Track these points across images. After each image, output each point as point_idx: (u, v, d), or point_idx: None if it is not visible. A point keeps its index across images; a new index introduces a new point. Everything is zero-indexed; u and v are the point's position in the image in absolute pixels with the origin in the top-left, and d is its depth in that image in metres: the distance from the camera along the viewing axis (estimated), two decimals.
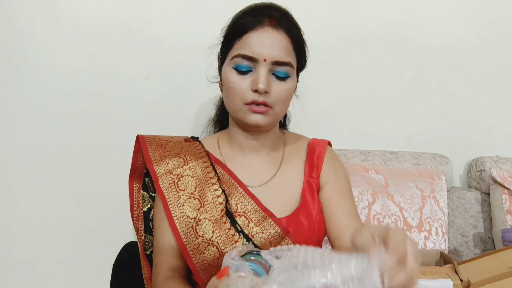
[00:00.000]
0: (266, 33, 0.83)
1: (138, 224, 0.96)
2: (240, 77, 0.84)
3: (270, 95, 0.84)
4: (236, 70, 0.85)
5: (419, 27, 1.59)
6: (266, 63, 0.83)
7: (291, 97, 0.90)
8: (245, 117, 0.86)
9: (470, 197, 1.55)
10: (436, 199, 1.43)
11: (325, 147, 0.97)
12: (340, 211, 0.90)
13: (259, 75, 0.83)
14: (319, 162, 0.95)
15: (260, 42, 0.83)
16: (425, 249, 1.36)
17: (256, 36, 0.83)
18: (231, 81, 0.85)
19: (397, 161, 1.52)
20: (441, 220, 1.41)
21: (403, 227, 1.36)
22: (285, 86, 0.86)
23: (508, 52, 1.65)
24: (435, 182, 1.46)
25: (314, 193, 0.92)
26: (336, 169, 0.96)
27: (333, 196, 0.92)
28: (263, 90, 0.82)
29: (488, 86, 1.66)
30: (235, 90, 0.85)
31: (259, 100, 0.83)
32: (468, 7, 1.61)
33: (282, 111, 0.89)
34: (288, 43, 0.85)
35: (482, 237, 1.52)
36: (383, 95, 1.60)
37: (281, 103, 0.86)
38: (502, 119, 1.68)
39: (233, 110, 0.88)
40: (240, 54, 0.84)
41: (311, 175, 0.93)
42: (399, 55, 1.59)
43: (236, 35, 0.86)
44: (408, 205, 1.39)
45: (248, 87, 0.84)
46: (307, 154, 0.96)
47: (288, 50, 0.85)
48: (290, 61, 0.85)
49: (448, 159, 1.57)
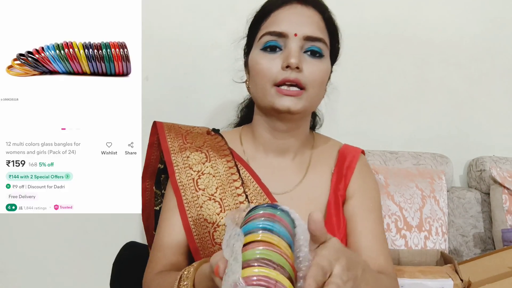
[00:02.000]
0: (295, 9, 0.77)
1: (149, 223, 0.87)
2: (269, 57, 0.76)
3: (303, 73, 0.74)
4: (264, 50, 0.76)
5: (421, 25, 1.59)
6: (297, 38, 0.74)
7: (326, 82, 0.81)
8: (274, 102, 0.75)
9: (470, 197, 1.54)
10: (436, 199, 1.43)
11: (358, 156, 0.87)
12: (361, 230, 0.80)
13: (290, 50, 0.74)
14: (349, 173, 0.84)
15: (289, 18, 0.76)
16: (425, 249, 1.36)
17: (284, 13, 0.77)
18: (259, 63, 0.76)
19: (397, 161, 1.52)
20: (441, 220, 1.41)
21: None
22: (320, 65, 0.76)
23: (508, 52, 1.65)
24: (435, 182, 1.46)
25: (339, 207, 0.82)
26: (365, 183, 0.85)
27: (357, 212, 0.81)
28: (295, 65, 0.73)
29: (489, 86, 1.65)
30: (263, 71, 0.75)
31: (291, 77, 0.73)
32: (471, 5, 1.61)
33: (316, 96, 0.79)
34: (320, 20, 0.78)
35: (482, 237, 1.52)
36: (383, 94, 1.60)
37: (316, 85, 0.76)
38: (502, 119, 1.68)
39: (261, 97, 0.78)
40: (267, 31, 0.76)
41: (338, 187, 0.83)
42: (400, 54, 1.59)
43: (262, 16, 0.79)
44: (408, 205, 1.39)
45: (278, 67, 0.74)
46: (336, 162, 0.86)
47: (320, 27, 0.77)
48: (323, 38, 0.77)
49: (448, 159, 1.57)
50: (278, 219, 0.47)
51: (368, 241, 0.78)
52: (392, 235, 1.35)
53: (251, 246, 0.45)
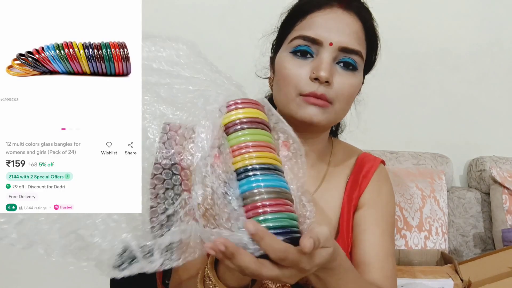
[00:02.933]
0: (334, 14, 0.70)
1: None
2: (298, 63, 0.69)
3: (331, 88, 0.69)
4: (293, 54, 0.70)
5: (419, 27, 1.59)
6: (332, 48, 0.68)
7: (355, 97, 0.76)
8: (298, 111, 0.70)
9: (470, 197, 1.55)
10: (436, 199, 1.43)
11: (376, 166, 0.82)
12: (366, 242, 0.75)
13: (321, 60, 0.68)
14: (364, 182, 0.80)
15: (326, 24, 0.69)
16: (425, 249, 1.36)
17: (322, 17, 0.70)
18: (286, 67, 0.70)
19: (397, 161, 1.52)
20: (441, 220, 1.41)
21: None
22: (351, 79, 0.70)
23: (508, 52, 1.65)
24: (435, 182, 1.46)
25: (350, 219, 0.78)
26: (380, 193, 0.80)
27: (363, 223, 0.77)
28: (325, 79, 0.67)
29: (488, 86, 1.66)
30: (290, 77, 0.69)
31: (318, 92, 0.68)
32: (468, 7, 1.61)
33: (342, 111, 0.73)
34: (360, 29, 0.71)
35: (482, 237, 1.52)
36: (383, 95, 1.60)
37: (343, 101, 0.71)
38: (502, 119, 1.68)
39: (283, 103, 0.72)
40: (301, 35, 0.70)
41: (352, 196, 0.79)
42: (400, 54, 1.59)
43: (298, 15, 0.73)
44: (408, 205, 1.39)
45: (307, 76, 0.68)
46: (352, 170, 0.82)
47: (359, 37, 0.71)
48: (360, 50, 0.70)
49: (448, 159, 1.57)
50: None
51: (367, 255, 0.74)
52: None
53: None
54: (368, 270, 0.73)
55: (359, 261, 0.74)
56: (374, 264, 0.73)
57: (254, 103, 0.56)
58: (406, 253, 1.34)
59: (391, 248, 0.77)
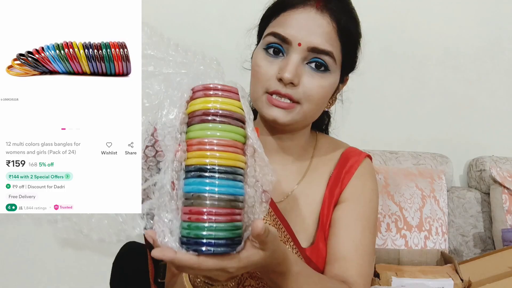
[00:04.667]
0: (307, 14, 0.70)
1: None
2: (269, 61, 0.70)
3: (297, 89, 0.69)
4: (265, 51, 0.71)
5: (419, 27, 1.59)
6: (301, 48, 0.68)
7: (327, 97, 0.75)
8: (263, 109, 0.71)
9: (470, 197, 1.55)
10: (436, 199, 1.43)
11: (360, 160, 0.81)
12: (342, 238, 0.74)
13: (288, 61, 0.68)
14: (347, 177, 0.79)
15: (298, 23, 0.69)
16: (425, 249, 1.36)
17: (295, 16, 0.70)
18: (258, 64, 0.71)
19: (397, 161, 1.52)
20: (441, 220, 1.41)
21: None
22: (320, 81, 0.70)
23: (508, 53, 1.65)
24: (435, 182, 1.46)
25: (330, 213, 0.77)
26: (364, 189, 0.79)
27: (344, 218, 0.76)
28: (288, 81, 0.67)
29: (488, 86, 1.66)
30: (259, 75, 0.71)
31: (282, 91, 0.68)
32: (469, 7, 1.61)
33: (313, 111, 0.73)
34: (332, 30, 0.70)
35: (482, 237, 1.52)
36: (383, 95, 1.60)
37: (312, 101, 0.71)
38: (502, 119, 1.68)
39: (254, 100, 0.74)
40: (272, 32, 0.70)
41: (333, 191, 0.78)
42: (400, 54, 1.59)
43: (273, 12, 0.73)
44: (408, 204, 1.39)
45: (274, 74, 0.69)
46: (336, 165, 0.81)
47: (330, 38, 0.70)
48: (331, 51, 0.70)
49: (448, 159, 1.57)
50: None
51: (345, 250, 0.73)
52: (392, 235, 1.35)
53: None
54: (345, 265, 0.73)
55: (337, 255, 0.73)
56: (352, 260, 0.73)
57: (231, 91, 0.50)
58: (406, 253, 1.34)
59: (371, 245, 0.77)
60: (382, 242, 1.34)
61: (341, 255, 0.73)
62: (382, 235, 1.35)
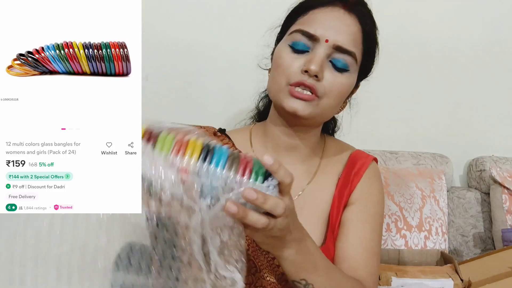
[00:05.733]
0: (336, 13, 0.72)
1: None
2: (293, 56, 0.72)
3: (321, 82, 0.71)
4: (291, 47, 0.72)
5: (419, 27, 1.59)
6: (327, 45, 0.70)
7: (345, 96, 0.77)
8: (283, 100, 0.72)
9: (470, 197, 1.55)
10: (436, 199, 1.43)
11: (368, 163, 0.83)
12: (351, 239, 0.76)
13: (315, 55, 0.70)
14: (356, 179, 0.81)
15: (326, 22, 0.71)
16: (425, 249, 1.36)
17: (323, 14, 0.72)
18: (282, 57, 0.73)
19: (397, 161, 1.52)
20: (441, 220, 1.41)
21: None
22: (341, 79, 0.72)
23: (508, 52, 1.65)
24: (435, 182, 1.46)
25: (340, 214, 0.79)
26: (370, 192, 0.81)
27: (353, 219, 0.78)
28: (314, 72, 0.69)
29: (488, 86, 1.65)
30: (282, 66, 0.72)
31: (307, 82, 0.70)
32: (468, 6, 1.61)
33: (331, 108, 0.75)
34: (358, 31, 0.73)
35: (482, 237, 1.52)
36: (383, 95, 1.60)
37: (332, 97, 0.72)
38: (502, 119, 1.68)
39: (274, 92, 0.75)
40: (300, 29, 0.72)
41: (343, 193, 0.80)
42: (399, 55, 1.59)
43: (301, 10, 0.75)
44: (408, 205, 1.39)
45: (299, 68, 0.71)
46: (345, 167, 0.83)
47: (355, 40, 0.73)
48: (355, 52, 0.72)
49: (448, 159, 1.57)
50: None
51: (354, 251, 0.75)
52: (392, 235, 1.35)
53: None
54: (355, 265, 0.74)
55: (346, 255, 0.75)
56: (361, 260, 0.75)
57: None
58: (406, 253, 1.34)
59: (378, 246, 0.79)
60: (382, 242, 1.34)
61: (350, 255, 0.75)
62: (382, 235, 1.35)
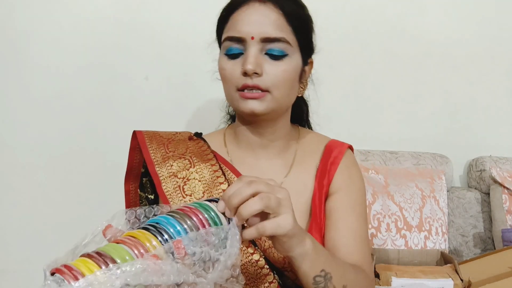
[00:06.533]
0: (252, 9, 0.74)
1: None
2: (232, 63, 0.75)
3: (263, 78, 0.73)
4: (226, 56, 0.76)
5: (419, 27, 1.59)
6: (255, 41, 0.73)
7: (294, 80, 0.78)
8: (239, 106, 0.76)
9: (470, 197, 1.55)
10: (436, 199, 1.43)
11: (343, 151, 0.85)
12: (341, 227, 0.78)
13: (247, 55, 0.73)
14: (332, 168, 0.83)
15: (246, 20, 0.74)
16: (425, 249, 1.36)
17: (241, 14, 0.75)
18: (223, 68, 0.76)
19: (397, 161, 1.52)
20: (441, 220, 1.41)
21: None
22: (282, 66, 0.74)
23: (508, 52, 1.65)
24: (435, 182, 1.46)
25: (322, 204, 0.81)
26: (350, 179, 0.83)
27: (338, 208, 0.80)
28: (251, 71, 0.72)
29: (488, 86, 1.65)
30: (226, 76, 0.76)
31: (250, 83, 0.73)
32: (468, 6, 1.61)
33: (284, 96, 0.77)
34: (280, 17, 0.74)
35: (482, 237, 1.52)
36: (383, 95, 1.60)
37: (280, 87, 0.75)
38: (501, 119, 1.68)
39: (229, 100, 0.79)
40: (227, 36, 0.75)
41: (322, 182, 0.82)
42: (399, 55, 1.59)
43: (223, 19, 0.78)
44: (408, 205, 1.39)
45: (239, 72, 0.74)
46: (322, 157, 0.84)
47: (279, 25, 0.74)
48: (283, 37, 0.74)
49: (448, 159, 1.57)
50: (190, 211, 0.54)
51: (346, 239, 0.77)
52: (392, 235, 1.35)
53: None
54: (348, 253, 0.76)
55: (338, 245, 0.77)
56: (354, 247, 0.77)
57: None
58: (406, 253, 1.34)
59: (367, 231, 0.82)
60: (382, 242, 1.34)
61: (341, 244, 0.77)
62: (382, 235, 1.35)
